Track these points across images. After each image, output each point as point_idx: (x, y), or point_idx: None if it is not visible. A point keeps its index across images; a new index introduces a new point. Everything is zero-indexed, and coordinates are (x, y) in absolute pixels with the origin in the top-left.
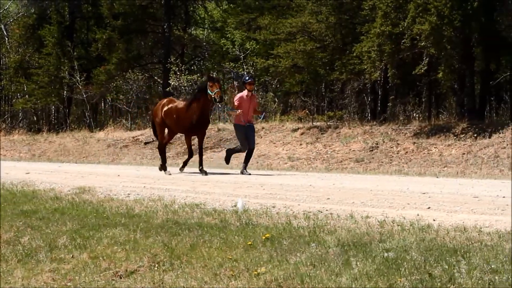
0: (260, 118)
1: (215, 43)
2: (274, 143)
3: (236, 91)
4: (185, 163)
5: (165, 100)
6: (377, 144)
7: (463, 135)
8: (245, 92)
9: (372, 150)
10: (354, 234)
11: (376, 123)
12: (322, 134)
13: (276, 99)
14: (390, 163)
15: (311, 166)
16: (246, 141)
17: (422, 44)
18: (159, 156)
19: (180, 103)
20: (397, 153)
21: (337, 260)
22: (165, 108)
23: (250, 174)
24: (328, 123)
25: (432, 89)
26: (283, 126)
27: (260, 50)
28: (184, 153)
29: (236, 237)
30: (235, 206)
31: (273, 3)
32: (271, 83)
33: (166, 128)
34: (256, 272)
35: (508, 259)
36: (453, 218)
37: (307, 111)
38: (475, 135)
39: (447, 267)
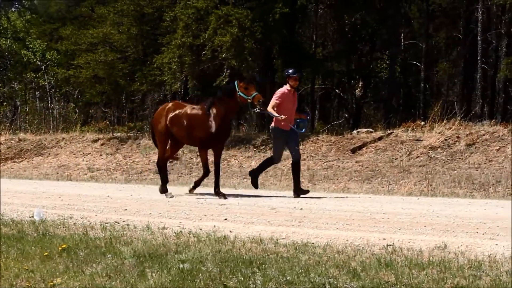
0: (303, 126)
1: (17, 53)
2: (74, 154)
3: None
4: (197, 183)
5: (170, 104)
6: (177, 155)
7: (263, 146)
8: (287, 88)
9: (172, 161)
10: (150, 245)
11: None
12: (122, 145)
13: (77, 110)
14: (190, 174)
15: (111, 177)
16: (288, 149)
17: (223, 55)
18: (159, 174)
19: (192, 108)
20: (197, 164)
21: (133, 271)
22: (171, 114)
23: (308, 191)
24: (128, 134)
25: None
26: (83, 137)
27: (61, 61)
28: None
29: (33, 247)
30: (32, 216)
31: (75, 13)
32: (72, 94)
33: (169, 139)
34: (52, 283)
35: (304, 270)
36: (250, 230)
37: (108, 122)
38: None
39: (242, 278)
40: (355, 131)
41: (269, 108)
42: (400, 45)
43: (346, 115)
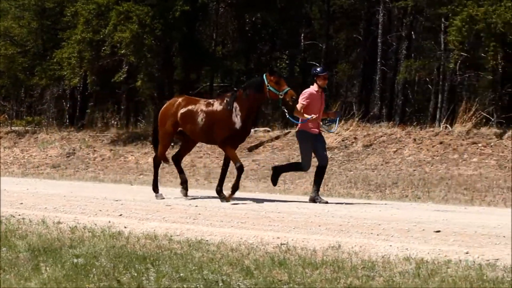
0: (336, 125)
1: None
2: None
3: None
4: (236, 186)
5: (180, 99)
6: (74, 150)
7: None
8: (315, 88)
9: (69, 156)
10: (45, 239)
11: (74, 129)
12: (20, 139)
13: None
14: (87, 169)
15: (8, 170)
16: (315, 156)
17: (122, 51)
18: (153, 172)
19: (208, 103)
20: (94, 160)
21: (27, 265)
22: (183, 110)
23: (327, 202)
24: (26, 128)
25: (131, 97)
26: None
27: None
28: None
29: None
30: None
31: None
32: None
33: (173, 138)
34: None
35: (197, 267)
36: (145, 226)
37: (6, 116)
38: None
39: (136, 274)
40: (252, 130)
41: (296, 111)
42: (300, 45)
43: None
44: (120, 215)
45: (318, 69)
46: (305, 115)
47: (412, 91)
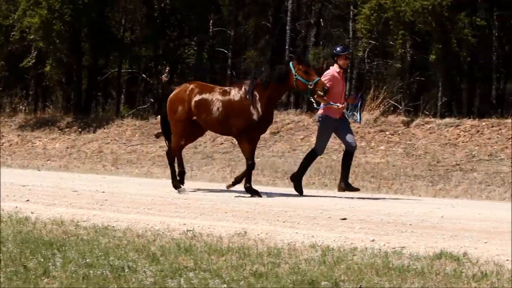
0: (358, 113)
1: None
2: None
3: None
4: (239, 179)
5: (192, 85)
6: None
7: (68, 129)
8: (336, 69)
9: None
10: None
11: None
12: None
13: None
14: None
15: None
16: (341, 139)
17: (32, 37)
18: (169, 168)
19: (224, 91)
20: (2, 145)
21: None
22: (197, 98)
23: (358, 189)
24: None
25: (40, 82)
26: None
27: None
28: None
29: None
30: None
31: None
32: None
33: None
34: None
35: (104, 253)
36: (51, 212)
37: None
38: (80, 130)
39: (42, 259)
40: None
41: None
42: (208, 31)
43: (152, 100)
44: (27, 200)
45: (338, 48)
46: (331, 103)
47: None
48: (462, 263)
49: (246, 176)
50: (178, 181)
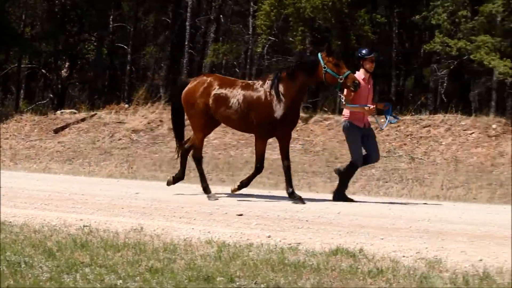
0: (387, 119)
1: None
2: None
3: None
4: (245, 183)
5: (210, 78)
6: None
7: None
8: (361, 75)
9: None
10: None
11: None
12: None
13: None
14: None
15: None
16: (365, 149)
17: None
18: (197, 170)
19: (246, 85)
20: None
21: None
22: (216, 92)
23: (353, 200)
24: None
25: None
26: None
27: None
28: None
29: None
30: None
31: None
32: None
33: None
34: None
35: (1, 248)
36: None
37: None
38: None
39: None
40: (59, 112)
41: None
42: (108, 27)
43: (51, 95)
44: None
45: (364, 51)
46: (356, 106)
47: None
48: (358, 259)
49: (248, 178)
50: (207, 185)
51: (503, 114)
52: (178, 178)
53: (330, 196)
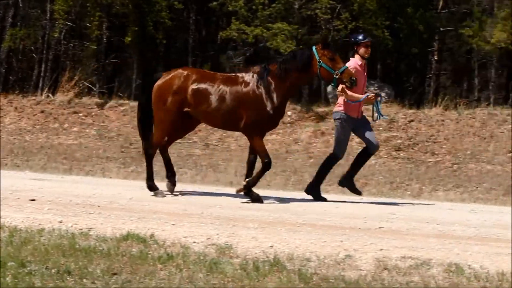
0: (377, 111)
1: None
2: None
3: None
4: (258, 178)
5: (188, 71)
6: None
7: None
8: (357, 61)
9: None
10: None
11: None
12: None
13: None
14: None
15: None
16: (362, 139)
17: None
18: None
19: (229, 79)
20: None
21: None
22: (195, 86)
23: (361, 193)
24: None
25: None
26: None
27: None
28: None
29: None
30: None
31: None
32: None
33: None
34: None
35: None
36: None
37: None
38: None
39: None
40: None
41: (342, 91)
42: None
43: None
44: None
45: (360, 36)
46: (354, 94)
47: (16, 60)
48: (149, 244)
49: (257, 176)
50: (153, 182)
51: (299, 102)
52: (170, 176)
53: (124, 182)
